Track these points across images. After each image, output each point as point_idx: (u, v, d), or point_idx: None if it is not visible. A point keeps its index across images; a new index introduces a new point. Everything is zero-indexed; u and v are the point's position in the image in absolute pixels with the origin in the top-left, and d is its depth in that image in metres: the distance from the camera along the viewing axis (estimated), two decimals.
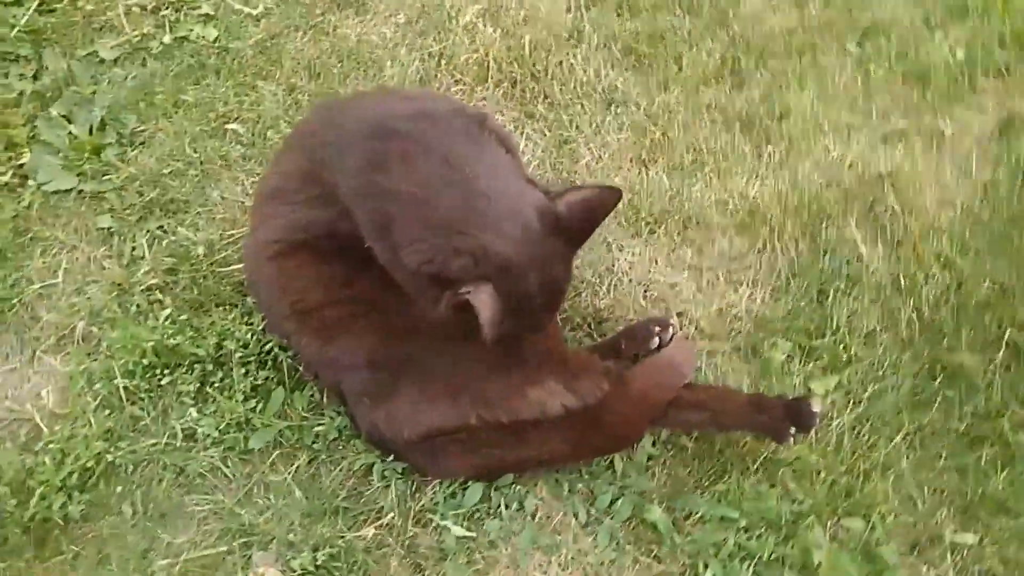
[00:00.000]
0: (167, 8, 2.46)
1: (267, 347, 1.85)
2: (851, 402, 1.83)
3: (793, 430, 1.68)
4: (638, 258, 2.01)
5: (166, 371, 1.88)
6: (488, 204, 1.44)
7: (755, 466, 1.76)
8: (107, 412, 1.86)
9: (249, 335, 1.86)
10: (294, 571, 1.66)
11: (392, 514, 1.72)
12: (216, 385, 1.85)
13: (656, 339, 1.82)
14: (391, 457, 1.76)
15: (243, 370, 1.85)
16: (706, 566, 1.65)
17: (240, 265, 1.98)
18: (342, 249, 1.67)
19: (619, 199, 1.49)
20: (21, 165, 2.20)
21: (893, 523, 1.71)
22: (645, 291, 1.98)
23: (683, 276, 1.99)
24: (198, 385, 1.85)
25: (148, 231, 2.09)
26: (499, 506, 1.73)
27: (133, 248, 2.08)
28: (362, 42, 2.36)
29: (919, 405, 1.83)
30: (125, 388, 1.86)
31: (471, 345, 1.69)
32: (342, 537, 1.71)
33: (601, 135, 2.16)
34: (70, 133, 2.23)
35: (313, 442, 1.80)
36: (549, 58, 2.26)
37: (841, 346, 1.86)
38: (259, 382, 1.85)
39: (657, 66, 2.24)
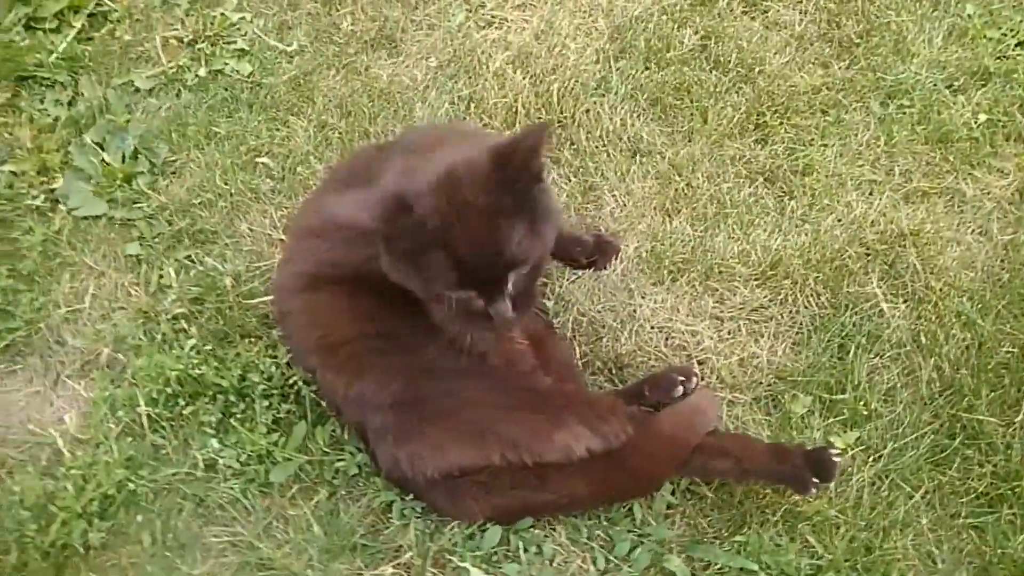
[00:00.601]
0: (203, 41, 2.51)
1: (290, 381, 1.87)
2: (871, 458, 1.83)
3: (815, 480, 1.69)
4: (660, 306, 2.03)
5: (189, 400, 1.89)
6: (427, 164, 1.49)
7: (775, 518, 1.76)
8: (129, 439, 1.88)
9: (273, 368, 1.88)
10: None
11: (411, 553, 1.72)
12: (238, 417, 1.86)
13: (680, 388, 1.83)
14: (411, 496, 1.76)
15: (266, 403, 1.86)
16: None
17: (267, 298, 2.00)
18: (372, 287, 1.70)
19: (543, 134, 1.41)
20: (53, 190, 2.25)
21: None
22: (667, 339, 2.00)
23: (704, 325, 2.00)
24: (220, 416, 1.87)
25: (176, 260, 2.12)
26: (518, 549, 1.73)
27: (160, 276, 2.11)
28: (393, 83, 2.41)
29: (939, 463, 1.83)
30: (148, 416, 1.88)
31: (498, 386, 1.72)
32: (360, 575, 1.70)
33: (626, 183, 2.19)
34: (102, 160, 2.27)
35: (333, 478, 1.81)
36: (576, 106, 2.30)
37: (861, 402, 1.87)
38: (281, 415, 1.86)
39: (683, 118, 2.28)
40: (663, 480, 1.75)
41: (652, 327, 2.01)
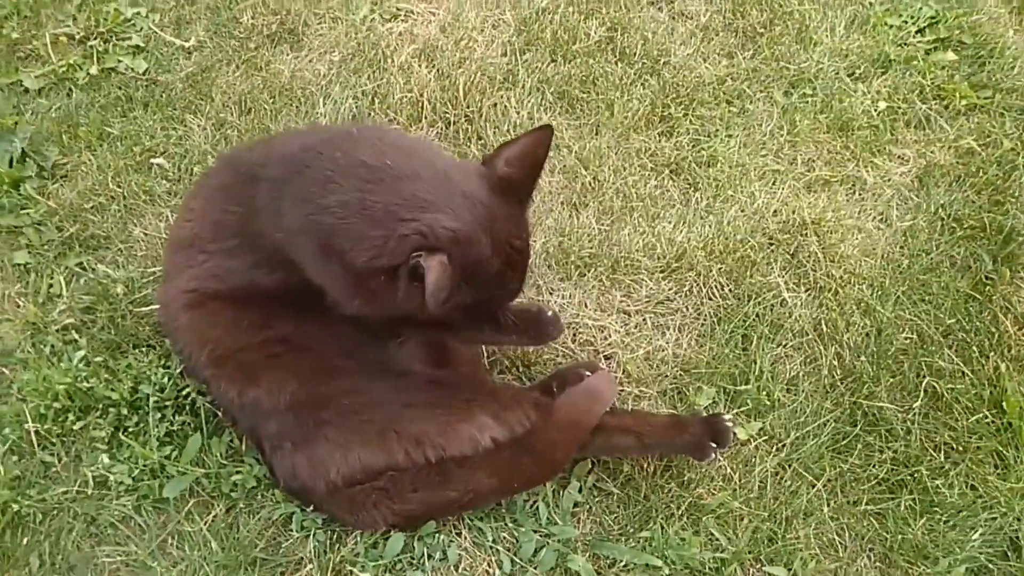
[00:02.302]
0: (96, 38, 2.41)
1: (184, 392, 1.80)
2: (774, 448, 1.84)
3: (713, 446, 1.72)
4: (568, 301, 2.01)
5: (79, 415, 1.82)
6: (421, 184, 1.44)
7: (679, 512, 1.76)
8: (16, 458, 1.79)
9: (166, 379, 1.81)
10: None
11: (311, 566, 1.68)
12: (130, 430, 1.79)
13: None
14: (311, 507, 1.71)
15: (159, 415, 1.79)
16: None
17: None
18: (260, 294, 1.65)
19: (551, 135, 1.49)
20: None
21: (814, 570, 1.72)
22: (574, 334, 1.98)
23: (612, 319, 1.99)
24: (112, 430, 1.79)
25: (66, 268, 2.04)
26: (422, 556, 1.70)
27: (50, 286, 2.02)
28: (295, 78, 2.34)
29: (840, 451, 1.85)
30: (36, 433, 1.80)
31: (400, 383, 1.69)
32: None
33: None
34: None
35: (231, 491, 1.75)
36: (483, 100, 2.26)
37: (764, 392, 1.88)
38: (175, 428, 1.79)
39: (589, 111, 2.27)
40: (566, 462, 1.74)
41: None
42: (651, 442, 1.74)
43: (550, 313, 1.86)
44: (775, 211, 2.11)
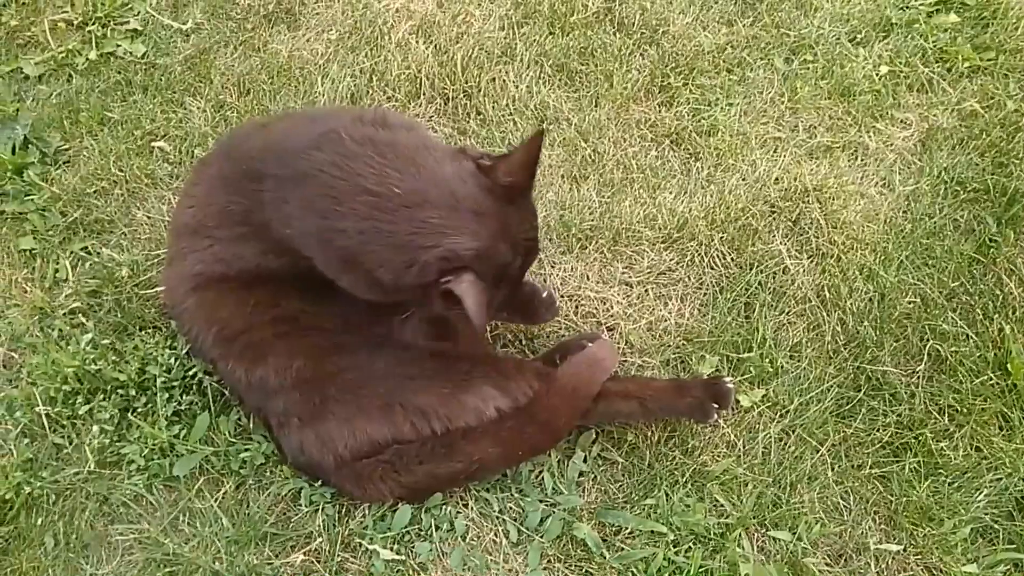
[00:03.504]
0: (94, 23, 2.42)
1: (191, 371, 1.82)
2: (778, 414, 1.85)
3: (716, 406, 1.74)
4: (569, 273, 2.02)
5: (88, 397, 1.84)
6: (433, 209, 1.46)
7: (684, 479, 1.77)
8: (28, 441, 1.83)
9: (172, 359, 1.83)
10: None
11: (321, 539, 1.70)
12: (139, 411, 1.82)
13: None
14: (319, 482, 1.73)
15: (166, 395, 1.81)
16: None
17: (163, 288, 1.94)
18: (266, 276, 1.66)
19: (542, 138, 1.51)
20: None
21: (819, 533, 1.73)
22: (577, 307, 1.99)
23: (614, 291, 1.99)
24: (120, 411, 1.82)
25: (71, 252, 2.06)
26: (429, 527, 1.72)
27: (56, 270, 2.04)
28: (293, 58, 2.34)
29: (844, 416, 1.86)
30: (47, 415, 1.83)
31: (404, 356, 1.72)
32: (270, 564, 1.68)
33: None
34: None
35: (240, 467, 1.77)
36: (481, 75, 2.26)
37: (767, 359, 1.88)
38: (183, 407, 1.82)
39: (588, 83, 2.26)
40: (569, 429, 1.76)
41: (562, 295, 2.00)
42: (653, 407, 1.75)
43: (545, 294, 1.90)
44: (777, 179, 2.10)
